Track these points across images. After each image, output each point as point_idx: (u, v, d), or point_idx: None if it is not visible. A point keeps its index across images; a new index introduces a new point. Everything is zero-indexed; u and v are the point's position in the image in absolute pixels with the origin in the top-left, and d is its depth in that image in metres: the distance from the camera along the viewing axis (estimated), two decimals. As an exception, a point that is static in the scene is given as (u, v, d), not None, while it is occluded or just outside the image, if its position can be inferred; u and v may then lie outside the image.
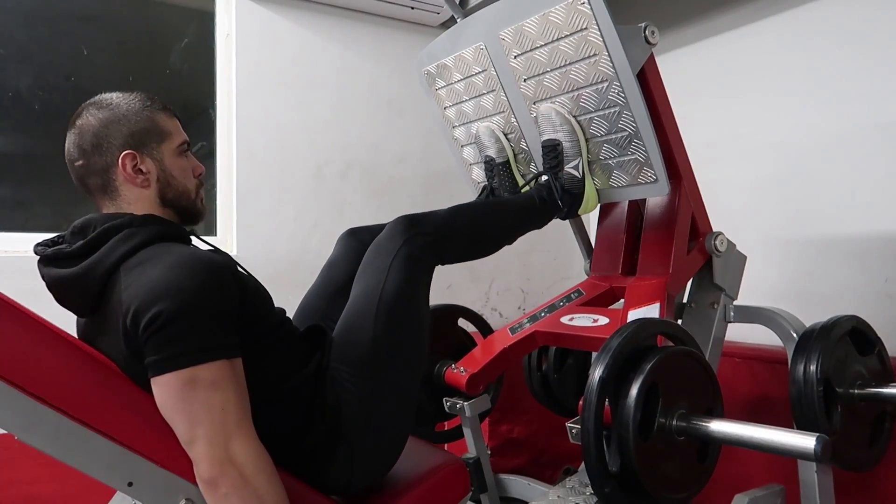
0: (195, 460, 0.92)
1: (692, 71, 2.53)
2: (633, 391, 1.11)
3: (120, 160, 1.05)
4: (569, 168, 1.52)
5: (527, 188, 1.65)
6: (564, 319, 1.56)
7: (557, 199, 1.52)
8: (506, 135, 1.70)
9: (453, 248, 1.35)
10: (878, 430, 1.58)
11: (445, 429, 1.87)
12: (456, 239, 1.35)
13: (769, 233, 2.26)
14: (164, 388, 0.92)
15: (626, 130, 1.44)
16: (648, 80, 1.45)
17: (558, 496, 1.59)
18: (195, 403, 0.91)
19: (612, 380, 1.13)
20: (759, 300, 1.76)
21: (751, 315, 1.70)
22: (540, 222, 1.55)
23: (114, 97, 1.09)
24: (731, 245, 1.69)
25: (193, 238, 1.14)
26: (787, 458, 1.64)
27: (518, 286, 2.86)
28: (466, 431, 1.81)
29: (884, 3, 1.96)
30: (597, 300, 1.68)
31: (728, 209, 2.30)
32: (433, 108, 1.89)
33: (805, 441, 1.01)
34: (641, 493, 1.12)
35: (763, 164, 2.30)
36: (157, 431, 0.95)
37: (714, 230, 1.67)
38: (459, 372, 1.60)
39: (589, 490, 1.59)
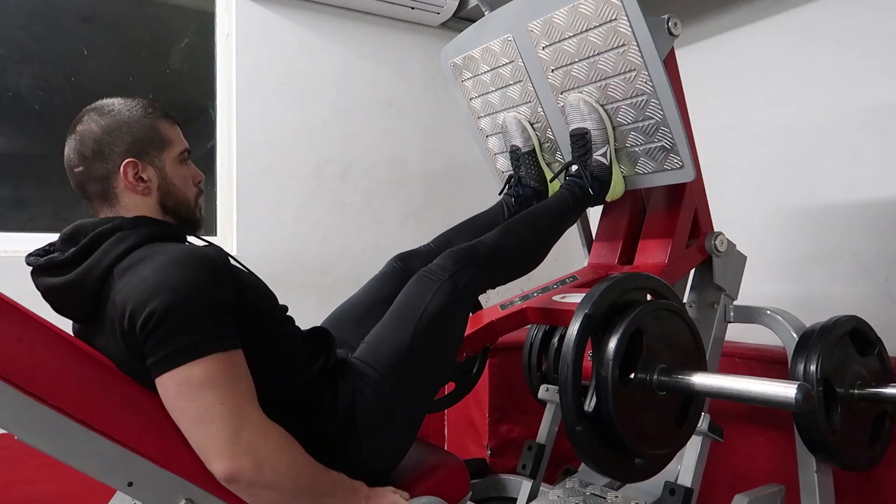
0: (206, 462, 0.92)
1: (692, 72, 2.54)
2: (618, 333, 1.11)
3: (122, 168, 1.05)
4: (597, 156, 1.55)
5: (556, 182, 1.68)
6: (556, 298, 1.56)
7: (588, 188, 1.55)
8: (532, 124, 1.73)
9: (501, 275, 1.40)
10: (878, 430, 1.57)
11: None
12: (504, 266, 1.40)
13: (769, 232, 2.26)
14: (164, 390, 0.92)
15: (653, 118, 1.47)
16: (668, 72, 1.47)
17: (558, 496, 1.59)
18: (191, 403, 0.91)
19: (597, 319, 1.12)
20: (759, 300, 1.76)
21: (751, 315, 1.70)
22: (574, 219, 1.60)
23: (115, 103, 1.09)
24: (730, 245, 1.69)
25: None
26: (787, 458, 1.64)
27: (518, 286, 2.85)
28: (548, 416, 1.84)
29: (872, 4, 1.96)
30: (591, 284, 1.68)
31: (728, 209, 2.29)
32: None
33: (786, 390, 1.01)
34: (614, 439, 1.11)
35: (764, 164, 2.30)
36: (157, 431, 0.95)
37: (715, 230, 1.67)
38: None
39: (589, 490, 1.59)
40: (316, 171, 2.48)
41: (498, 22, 1.64)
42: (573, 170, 1.59)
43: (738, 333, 2.04)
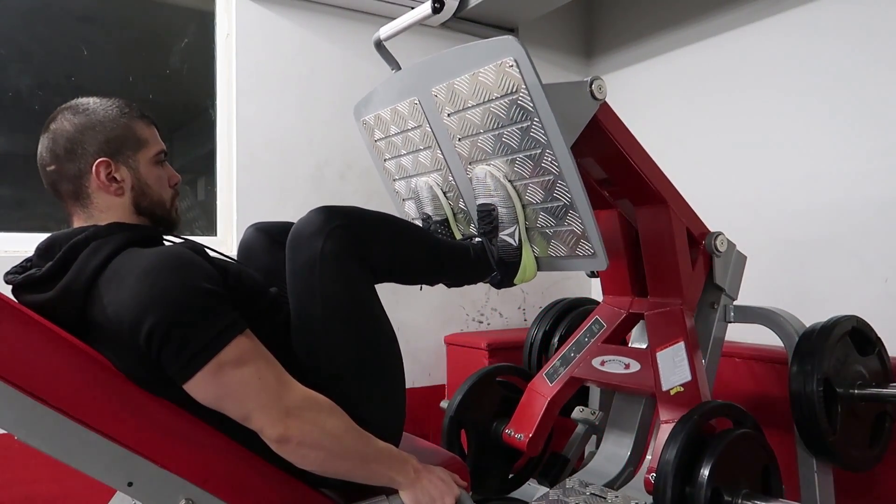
0: (257, 430, 0.96)
1: (694, 70, 2.54)
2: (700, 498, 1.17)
3: (94, 167, 1.04)
4: (504, 235, 1.40)
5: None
6: (596, 363, 1.62)
7: (492, 264, 1.41)
8: (444, 193, 1.59)
9: (375, 254, 1.19)
10: (878, 430, 1.58)
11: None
12: (377, 245, 1.20)
13: (769, 233, 2.26)
14: (199, 387, 0.93)
15: (561, 200, 1.32)
16: (605, 127, 1.36)
17: (558, 496, 1.59)
18: (232, 385, 0.94)
19: (677, 479, 1.20)
20: (759, 300, 1.76)
21: (751, 315, 1.70)
22: (469, 278, 1.43)
23: (90, 102, 1.07)
24: (731, 245, 1.68)
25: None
26: (787, 458, 1.64)
27: (518, 286, 2.86)
28: (577, 435, 1.90)
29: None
30: (619, 330, 1.72)
31: (729, 209, 2.29)
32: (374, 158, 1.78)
33: None
34: None
35: (763, 164, 2.30)
36: (157, 431, 0.95)
37: (712, 230, 1.66)
38: (517, 438, 1.66)
39: (589, 490, 1.59)
40: (316, 171, 2.48)
41: (404, 83, 1.51)
42: (475, 242, 1.44)
43: (738, 333, 2.04)
